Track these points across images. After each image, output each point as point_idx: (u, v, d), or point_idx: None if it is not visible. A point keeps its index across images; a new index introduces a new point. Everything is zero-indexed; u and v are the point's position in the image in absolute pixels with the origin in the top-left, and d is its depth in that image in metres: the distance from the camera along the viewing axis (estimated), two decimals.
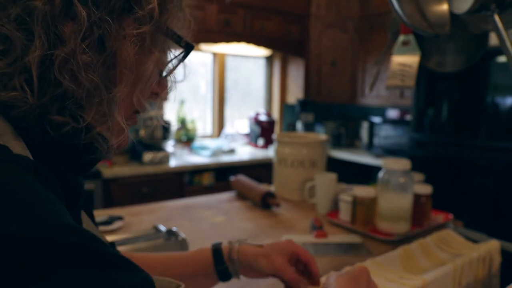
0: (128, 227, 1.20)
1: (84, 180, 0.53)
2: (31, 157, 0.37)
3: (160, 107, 3.00)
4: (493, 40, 1.54)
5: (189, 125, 3.13)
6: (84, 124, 0.39)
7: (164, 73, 0.48)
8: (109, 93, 0.40)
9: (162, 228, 0.91)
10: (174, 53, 0.48)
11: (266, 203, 1.42)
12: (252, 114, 3.49)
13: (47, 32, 0.36)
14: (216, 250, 0.68)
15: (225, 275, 0.68)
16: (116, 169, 2.45)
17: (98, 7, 0.38)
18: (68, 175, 0.44)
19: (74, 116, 0.39)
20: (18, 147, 0.37)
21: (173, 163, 2.68)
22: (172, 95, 0.51)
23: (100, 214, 1.26)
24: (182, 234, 0.88)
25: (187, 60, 0.49)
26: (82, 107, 0.39)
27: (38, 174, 0.34)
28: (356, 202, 1.21)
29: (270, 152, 3.20)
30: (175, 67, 0.48)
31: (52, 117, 0.38)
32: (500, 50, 0.79)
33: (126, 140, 0.47)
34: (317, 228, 1.18)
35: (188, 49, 0.47)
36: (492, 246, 1.04)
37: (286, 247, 0.67)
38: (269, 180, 2.35)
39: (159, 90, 0.49)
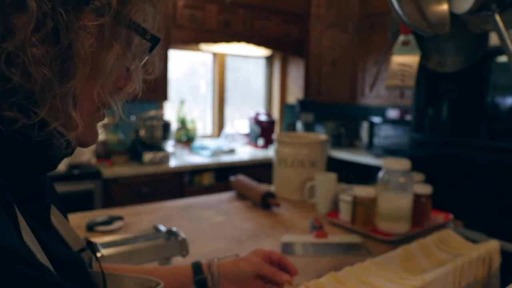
0: (128, 227, 1.20)
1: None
2: None
3: (160, 107, 3.01)
4: (493, 40, 1.54)
5: (189, 125, 3.13)
6: (37, 119, 0.38)
7: (129, 67, 0.46)
8: (62, 88, 0.38)
9: (162, 228, 0.91)
10: (142, 46, 0.46)
11: (266, 203, 1.42)
12: (252, 114, 3.49)
13: None
14: (196, 264, 0.69)
15: (203, 286, 0.68)
16: (116, 169, 2.45)
17: None
18: (32, 173, 0.42)
19: (26, 112, 0.37)
20: None
21: (173, 163, 2.68)
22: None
23: (100, 214, 1.26)
24: (182, 234, 0.88)
25: (155, 53, 0.47)
26: (36, 102, 0.38)
27: None
28: (356, 202, 1.21)
29: (270, 152, 3.19)
30: (141, 61, 0.46)
31: (2, 113, 0.37)
32: (500, 50, 0.79)
33: (93, 136, 0.45)
34: (317, 228, 1.18)
35: (154, 42, 0.45)
36: (492, 246, 1.04)
37: (258, 251, 0.73)
38: (269, 180, 2.35)
39: (122, 85, 0.47)
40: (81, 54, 0.38)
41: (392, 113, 3.24)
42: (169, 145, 2.85)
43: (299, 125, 3.50)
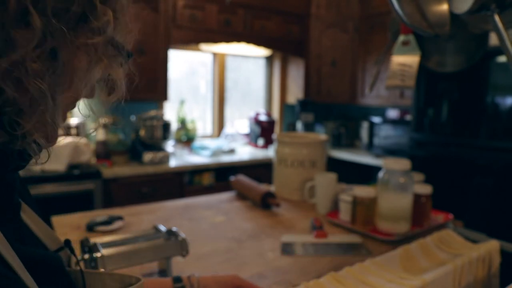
0: (128, 227, 1.20)
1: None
2: None
3: (160, 107, 3.01)
4: (493, 40, 1.54)
5: (189, 125, 3.13)
6: (21, 132, 0.37)
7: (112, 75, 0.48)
8: (54, 102, 0.39)
9: (162, 228, 0.91)
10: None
11: (266, 203, 1.42)
12: (252, 114, 3.49)
13: None
14: (176, 276, 0.70)
15: None
16: (116, 169, 2.45)
17: (55, 16, 0.36)
18: None
19: (11, 124, 0.37)
20: None
21: (173, 163, 2.68)
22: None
23: (100, 214, 1.26)
24: (182, 234, 0.88)
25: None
26: (24, 115, 0.38)
27: None
28: (356, 202, 1.21)
29: (270, 152, 3.19)
30: (116, 73, 0.47)
31: None
32: (500, 50, 0.79)
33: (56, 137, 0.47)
34: (317, 228, 1.18)
35: (128, 57, 0.47)
36: (492, 246, 1.04)
37: None
38: (269, 180, 2.35)
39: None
40: (78, 71, 0.40)
41: (392, 113, 3.25)
42: (169, 145, 2.85)
43: (299, 125, 3.50)
